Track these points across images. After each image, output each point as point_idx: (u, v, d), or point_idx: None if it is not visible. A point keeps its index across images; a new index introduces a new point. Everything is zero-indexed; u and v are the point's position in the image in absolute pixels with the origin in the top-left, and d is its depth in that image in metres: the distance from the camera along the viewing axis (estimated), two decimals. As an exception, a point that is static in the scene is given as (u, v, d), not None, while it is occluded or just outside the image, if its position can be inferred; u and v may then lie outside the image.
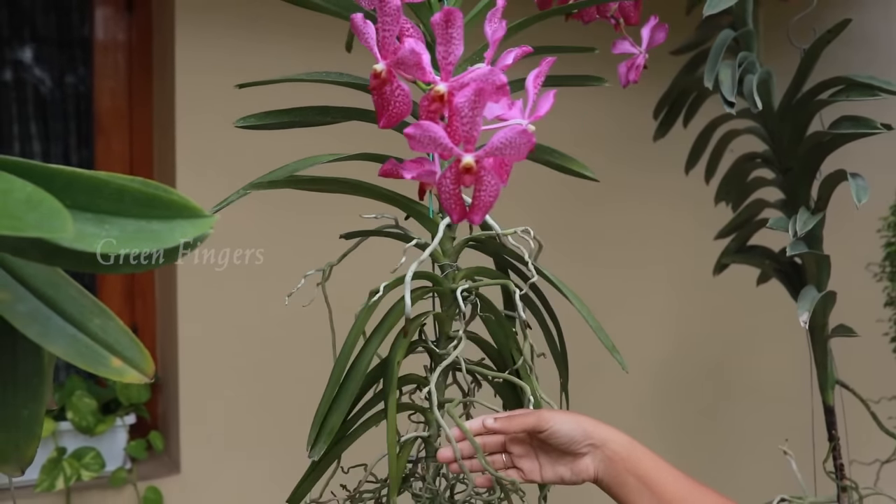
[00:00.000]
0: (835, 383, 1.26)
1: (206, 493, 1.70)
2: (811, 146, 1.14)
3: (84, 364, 0.56)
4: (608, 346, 0.80)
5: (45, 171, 0.53)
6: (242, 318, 1.72)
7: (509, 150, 0.63)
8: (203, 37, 1.66)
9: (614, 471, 0.77)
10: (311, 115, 0.84)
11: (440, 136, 0.61)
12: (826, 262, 1.13)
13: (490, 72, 0.62)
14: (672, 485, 0.77)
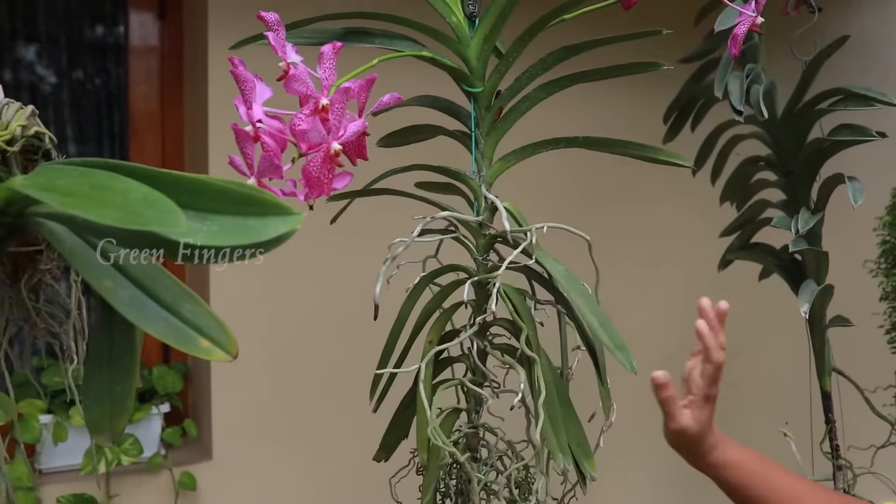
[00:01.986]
0: (832, 371, 1.35)
1: (238, 478, 1.79)
2: (812, 151, 1.23)
3: (177, 344, 0.65)
4: (609, 345, 0.86)
5: (151, 173, 0.62)
6: (272, 308, 1.80)
7: (267, 171, 0.75)
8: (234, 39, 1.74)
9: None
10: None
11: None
12: (825, 258, 1.22)
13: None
14: None
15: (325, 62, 0.76)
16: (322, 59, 0.76)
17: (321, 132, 0.75)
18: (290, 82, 0.75)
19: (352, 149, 0.83)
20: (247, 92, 0.76)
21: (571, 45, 0.93)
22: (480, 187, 0.95)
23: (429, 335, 0.94)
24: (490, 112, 0.95)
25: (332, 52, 0.78)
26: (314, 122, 0.74)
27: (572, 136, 0.96)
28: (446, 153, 1.03)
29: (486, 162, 0.96)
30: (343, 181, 0.80)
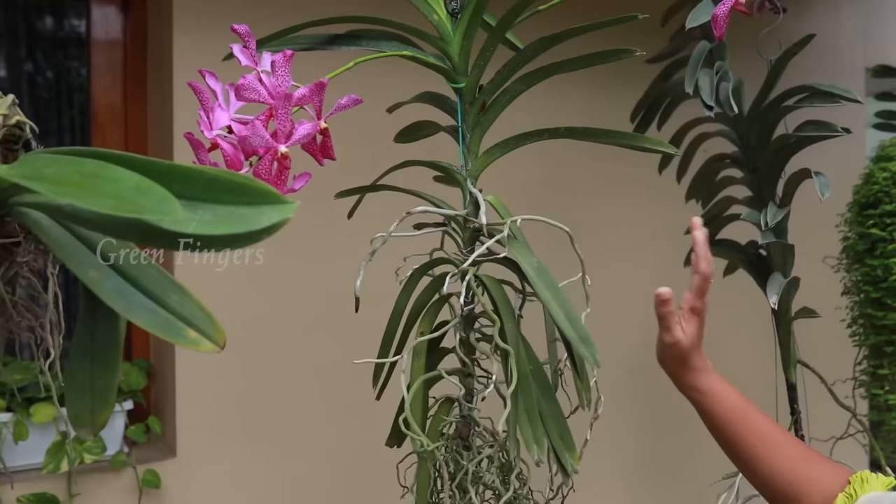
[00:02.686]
0: (797, 363, 1.38)
1: (203, 476, 1.77)
2: (778, 148, 1.25)
3: (165, 335, 0.65)
4: (572, 337, 0.87)
5: (142, 162, 0.62)
6: (237, 307, 1.79)
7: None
8: (200, 35, 1.72)
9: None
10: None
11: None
12: (791, 251, 1.25)
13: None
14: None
15: (277, 70, 0.78)
16: (274, 67, 0.78)
17: (263, 137, 0.76)
18: (240, 91, 0.76)
19: (316, 149, 0.84)
20: (205, 102, 0.77)
21: (550, 35, 0.93)
22: (466, 181, 0.95)
23: (420, 326, 0.94)
24: (474, 106, 0.96)
25: (283, 61, 0.80)
26: (254, 127, 0.76)
27: (554, 128, 0.97)
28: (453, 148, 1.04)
29: (471, 156, 0.97)
30: (301, 182, 0.81)
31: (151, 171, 0.60)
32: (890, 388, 1.51)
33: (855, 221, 1.55)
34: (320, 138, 0.84)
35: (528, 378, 0.91)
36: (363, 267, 0.91)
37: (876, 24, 3.10)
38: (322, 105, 0.81)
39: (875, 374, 1.55)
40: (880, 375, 1.53)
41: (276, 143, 0.78)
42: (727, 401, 0.91)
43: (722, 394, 0.92)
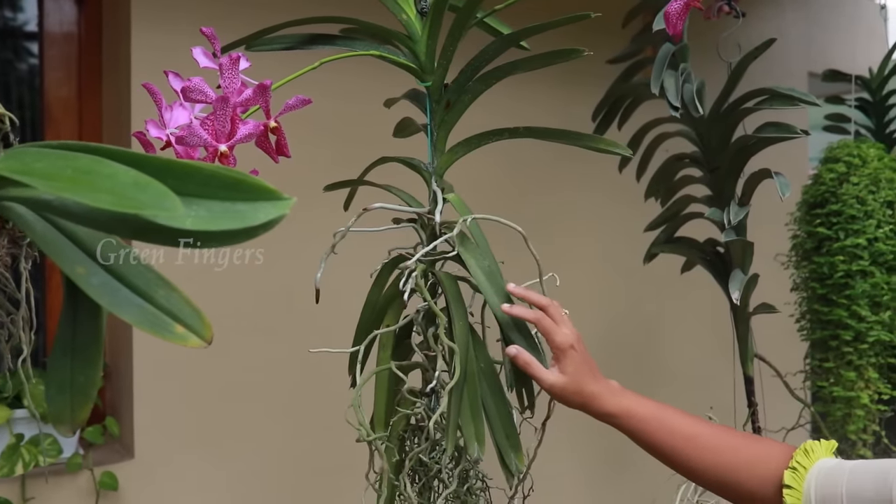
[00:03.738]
0: (754, 356, 1.43)
1: (161, 477, 1.75)
2: (738, 148, 1.29)
3: (152, 330, 0.64)
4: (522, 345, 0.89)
5: (136, 157, 0.62)
6: (199, 302, 1.77)
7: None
8: (159, 31, 1.70)
9: None
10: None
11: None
12: (750, 248, 1.29)
13: None
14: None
15: (224, 73, 0.79)
16: (222, 70, 0.78)
17: (201, 137, 0.77)
18: (186, 93, 0.77)
19: (270, 147, 0.85)
20: (158, 103, 0.78)
21: (509, 34, 0.96)
22: (431, 178, 0.97)
23: (387, 319, 0.95)
24: (440, 105, 0.97)
25: (229, 64, 0.81)
26: (190, 128, 0.77)
27: (514, 127, 0.99)
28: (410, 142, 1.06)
29: (438, 153, 0.98)
30: None
31: (147, 166, 0.60)
32: (835, 380, 1.57)
33: (803, 220, 1.61)
34: (274, 137, 0.85)
35: (475, 376, 0.91)
36: (323, 260, 0.92)
37: (819, 31, 3.20)
38: (269, 105, 0.82)
39: (821, 368, 1.60)
40: (826, 369, 1.59)
41: (215, 142, 0.79)
42: (641, 414, 0.90)
43: (633, 409, 0.90)
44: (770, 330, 1.79)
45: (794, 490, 0.79)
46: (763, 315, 1.46)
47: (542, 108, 2.12)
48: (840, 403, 1.55)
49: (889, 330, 1.52)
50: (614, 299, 2.34)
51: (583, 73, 1.81)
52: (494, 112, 1.24)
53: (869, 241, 1.50)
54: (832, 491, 0.76)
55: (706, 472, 0.86)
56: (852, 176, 1.53)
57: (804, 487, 0.78)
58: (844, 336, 1.52)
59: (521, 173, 2.15)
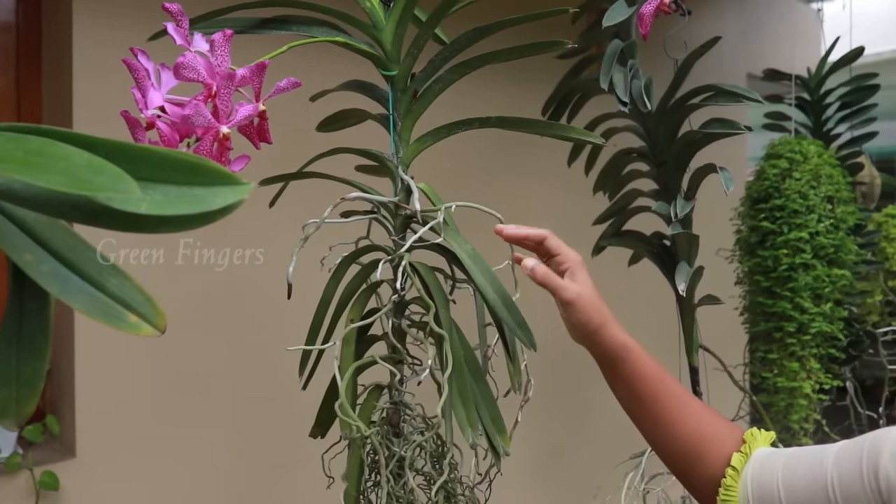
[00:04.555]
0: (698, 347, 1.45)
1: (104, 476, 1.71)
2: (685, 143, 1.32)
3: (104, 319, 0.63)
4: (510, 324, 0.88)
5: (89, 140, 0.60)
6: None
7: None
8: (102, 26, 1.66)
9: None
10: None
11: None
12: (696, 241, 1.32)
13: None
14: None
15: (216, 49, 0.77)
16: (214, 46, 0.77)
17: (206, 117, 0.75)
18: (178, 70, 0.75)
19: (253, 132, 0.84)
20: (140, 81, 0.75)
21: (482, 27, 0.96)
22: (397, 168, 0.96)
23: (349, 314, 0.95)
24: (406, 94, 0.97)
25: (223, 40, 0.79)
26: (196, 106, 0.75)
27: (486, 117, 0.99)
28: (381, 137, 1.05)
29: (403, 143, 0.98)
30: (239, 165, 0.80)
31: (99, 149, 0.58)
32: (778, 371, 1.61)
33: (747, 215, 1.65)
34: (257, 121, 0.84)
35: (462, 363, 0.92)
36: (296, 253, 0.91)
37: (755, 32, 3.28)
38: (262, 87, 0.80)
39: (765, 359, 1.64)
40: (769, 360, 1.63)
41: (217, 123, 0.77)
42: (646, 358, 0.89)
43: (641, 351, 0.89)
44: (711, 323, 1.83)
45: (736, 472, 0.80)
46: (704, 309, 1.49)
47: (490, 104, 2.13)
48: (783, 394, 1.59)
49: (830, 321, 1.56)
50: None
51: (531, 69, 1.82)
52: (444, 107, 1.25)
53: (811, 234, 1.54)
54: (768, 478, 0.77)
55: (681, 436, 0.86)
56: (794, 171, 1.57)
57: (743, 473, 0.80)
58: (788, 328, 1.56)
59: (469, 164, 2.16)
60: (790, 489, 0.75)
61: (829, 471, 0.72)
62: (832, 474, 0.72)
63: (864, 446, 0.72)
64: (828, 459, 0.74)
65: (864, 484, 0.69)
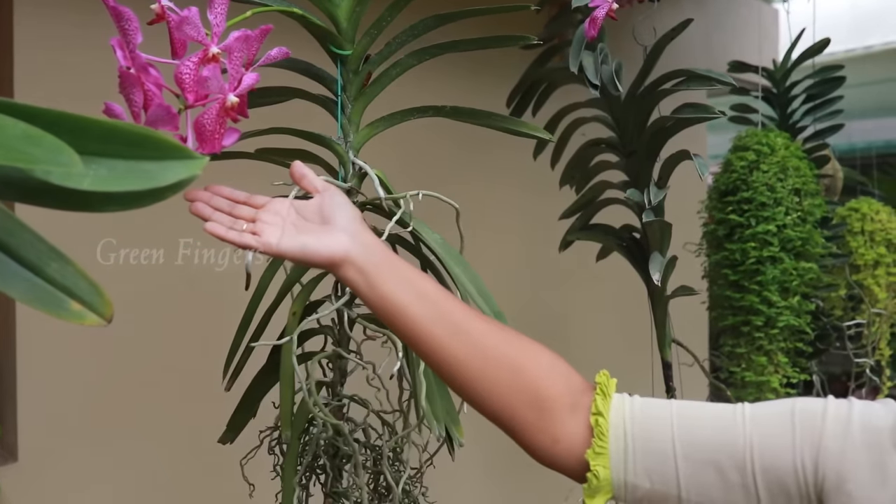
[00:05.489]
0: (671, 342, 1.43)
1: (48, 480, 1.63)
2: (655, 131, 1.29)
3: (43, 308, 0.57)
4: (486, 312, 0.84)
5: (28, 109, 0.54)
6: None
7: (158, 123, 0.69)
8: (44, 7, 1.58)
9: (378, 257, 0.73)
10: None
11: (119, 112, 0.70)
12: (668, 229, 1.29)
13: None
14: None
15: (216, 7, 0.70)
16: (213, 5, 0.70)
17: (220, 82, 0.69)
18: (182, 26, 0.68)
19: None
20: (130, 31, 0.68)
21: (443, 14, 0.94)
22: (348, 153, 0.92)
23: (292, 307, 0.89)
24: (358, 76, 0.92)
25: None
26: (215, 70, 0.68)
27: (440, 105, 0.97)
28: (298, 118, 0.99)
29: (352, 127, 0.93)
30: (231, 138, 0.74)
31: (38, 119, 0.53)
32: (746, 365, 1.60)
33: (715, 208, 1.63)
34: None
35: None
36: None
37: (714, 28, 3.29)
38: (256, 53, 0.74)
39: (732, 353, 1.63)
40: (737, 354, 1.61)
41: (227, 90, 0.71)
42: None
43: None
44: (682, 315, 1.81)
45: (603, 419, 0.70)
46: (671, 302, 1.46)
47: (449, 94, 2.09)
48: (751, 388, 1.57)
49: (797, 315, 1.55)
50: (523, 287, 2.33)
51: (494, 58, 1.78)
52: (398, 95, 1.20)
53: (778, 227, 1.52)
54: (657, 428, 0.69)
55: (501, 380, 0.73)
56: (762, 164, 1.55)
57: (611, 420, 0.70)
58: (756, 321, 1.54)
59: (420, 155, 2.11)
60: (690, 444, 0.68)
61: (745, 433, 0.67)
62: (751, 438, 0.66)
63: (792, 418, 0.66)
64: (739, 420, 0.68)
65: (795, 457, 0.64)
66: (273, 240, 0.72)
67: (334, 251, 0.72)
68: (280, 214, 0.75)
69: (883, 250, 1.89)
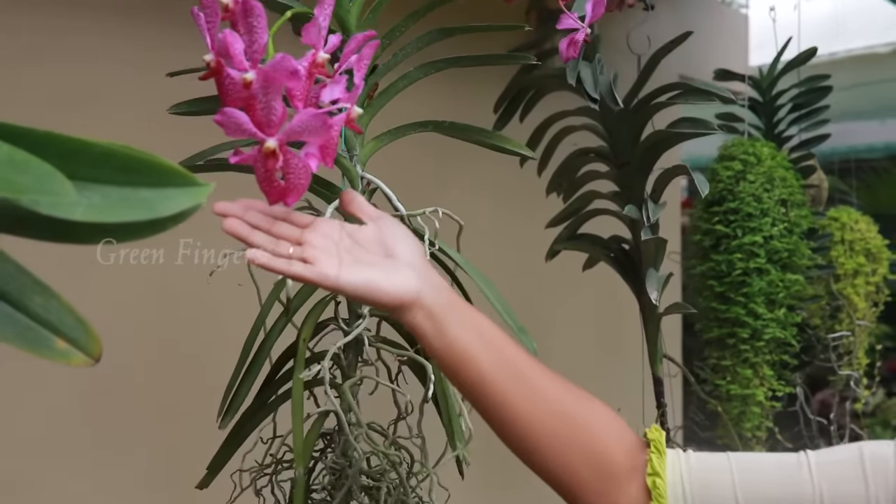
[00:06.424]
0: (663, 357, 1.40)
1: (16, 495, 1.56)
2: (651, 143, 1.26)
3: (26, 347, 0.52)
4: (513, 328, 0.84)
5: (12, 129, 0.49)
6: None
7: (308, 133, 0.64)
8: None
9: (445, 299, 0.66)
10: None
11: (243, 121, 0.63)
12: (663, 245, 1.26)
13: (280, 59, 0.62)
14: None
15: (325, 6, 0.65)
16: (323, 2, 0.65)
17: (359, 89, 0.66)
18: (309, 29, 0.64)
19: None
20: (258, 29, 0.63)
21: (448, 28, 0.93)
22: (355, 167, 0.87)
23: (301, 332, 0.84)
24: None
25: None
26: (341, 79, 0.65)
27: (440, 121, 0.95)
28: None
29: (358, 140, 0.89)
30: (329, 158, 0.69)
31: (23, 140, 0.48)
32: (731, 378, 1.58)
33: (700, 218, 1.61)
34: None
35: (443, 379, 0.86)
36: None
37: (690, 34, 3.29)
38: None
39: (718, 366, 1.61)
40: (722, 366, 1.60)
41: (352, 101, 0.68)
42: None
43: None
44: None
45: (661, 478, 0.68)
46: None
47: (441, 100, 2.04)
48: (736, 401, 1.56)
49: (783, 327, 1.54)
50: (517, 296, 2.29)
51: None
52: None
53: (765, 238, 1.51)
54: (716, 481, 0.67)
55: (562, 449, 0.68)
56: (748, 174, 1.53)
57: (668, 477, 0.68)
58: (741, 334, 1.53)
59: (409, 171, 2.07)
60: (753, 494, 0.66)
61: (813, 482, 0.65)
62: (820, 487, 0.65)
63: (862, 464, 0.65)
64: (805, 469, 0.67)
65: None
66: (331, 271, 0.62)
67: (404, 292, 0.64)
68: (331, 238, 0.65)
69: (862, 259, 1.89)
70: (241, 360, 0.86)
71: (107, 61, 1.49)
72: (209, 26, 0.66)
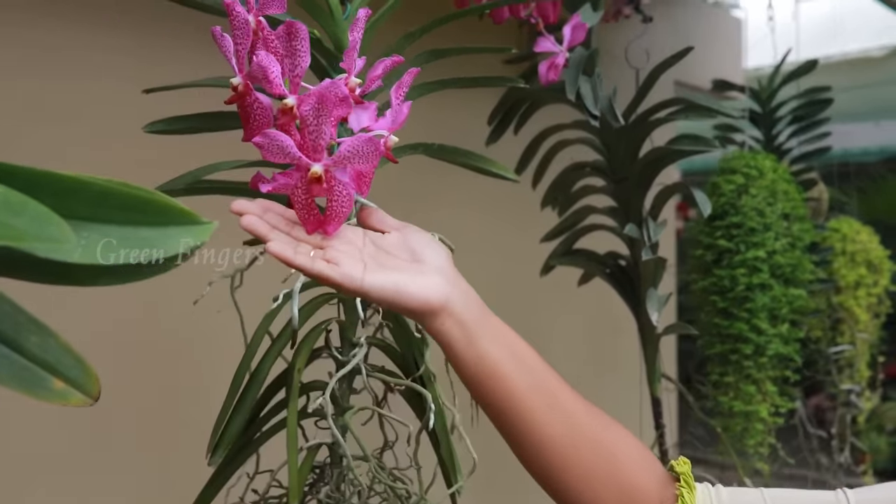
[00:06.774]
0: (661, 377, 1.38)
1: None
2: (650, 160, 1.24)
3: (22, 388, 0.50)
4: None
5: (5, 168, 0.47)
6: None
7: (357, 158, 0.62)
8: None
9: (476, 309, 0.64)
10: (218, 120, 0.82)
11: (287, 144, 0.60)
12: (663, 264, 1.24)
13: (332, 84, 0.61)
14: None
15: (357, 29, 0.65)
16: (356, 25, 0.64)
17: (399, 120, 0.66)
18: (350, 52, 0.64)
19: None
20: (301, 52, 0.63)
21: (438, 49, 0.92)
22: (351, 188, 0.85)
23: (296, 362, 0.82)
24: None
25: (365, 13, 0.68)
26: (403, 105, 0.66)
27: (430, 143, 0.94)
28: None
29: (350, 161, 0.87)
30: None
31: (16, 178, 0.46)
32: (734, 395, 1.56)
33: (702, 232, 1.59)
34: None
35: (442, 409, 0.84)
36: (297, 290, 0.78)
37: (681, 43, 3.28)
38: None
39: (720, 382, 1.59)
40: (725, 383, 1.58)
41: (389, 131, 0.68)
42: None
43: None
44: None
45: None
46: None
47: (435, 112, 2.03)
48: (739, 418, 1.54)
49: (786, 342, 1.52)
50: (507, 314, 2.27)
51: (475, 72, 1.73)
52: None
53: (768, 253, 1.49)
54: None
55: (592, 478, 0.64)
56: (751, 187, 1.52)
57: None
58: (745, 350, 1.51)
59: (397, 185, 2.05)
60: None
61: None
62: None
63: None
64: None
65: None
66: (356, 272, 0.59)
67: (432, 296, 0.61)
68: (355, 245, 0.63)
69: (864, 271, 1.88)
70: (232, 393, 0.83)
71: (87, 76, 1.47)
72: (238, 48, 0.64)
